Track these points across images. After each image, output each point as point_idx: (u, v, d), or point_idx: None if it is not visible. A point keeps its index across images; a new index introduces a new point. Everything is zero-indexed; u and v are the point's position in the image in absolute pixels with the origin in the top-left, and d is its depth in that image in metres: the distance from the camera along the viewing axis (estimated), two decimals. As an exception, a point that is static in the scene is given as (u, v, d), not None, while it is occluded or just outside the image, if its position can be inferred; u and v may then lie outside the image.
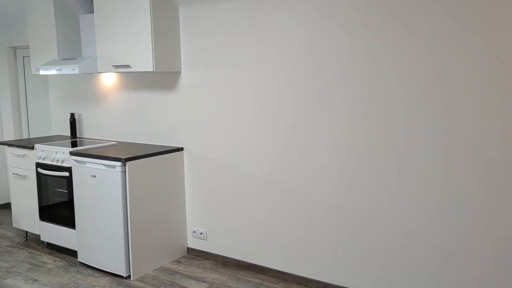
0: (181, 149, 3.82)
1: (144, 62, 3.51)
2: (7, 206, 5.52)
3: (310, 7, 3.03)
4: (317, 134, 3.12)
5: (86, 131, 4.53)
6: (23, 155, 4.17)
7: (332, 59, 2.98)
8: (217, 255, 3.75)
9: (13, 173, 4.30)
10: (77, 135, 4.59)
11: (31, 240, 4.38)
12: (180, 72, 3.75)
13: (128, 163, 3.39)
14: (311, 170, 3.17)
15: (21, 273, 3.64)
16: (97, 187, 3.54)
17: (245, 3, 3.32)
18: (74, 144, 4.05)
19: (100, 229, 3.57)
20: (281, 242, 3.39)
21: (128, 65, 3.59)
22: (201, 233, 3.83)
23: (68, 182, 3.80)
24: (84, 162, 3.61)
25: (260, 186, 3.44)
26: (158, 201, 3.65)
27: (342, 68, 2.96)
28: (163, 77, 3.87)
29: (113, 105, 4.26)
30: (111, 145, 4.02)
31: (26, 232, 4.44)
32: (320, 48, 3.03)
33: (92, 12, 4.02)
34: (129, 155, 3.47)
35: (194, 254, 3.89)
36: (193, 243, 3.90)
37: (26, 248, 4.18)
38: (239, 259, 3.63)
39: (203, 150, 3.72)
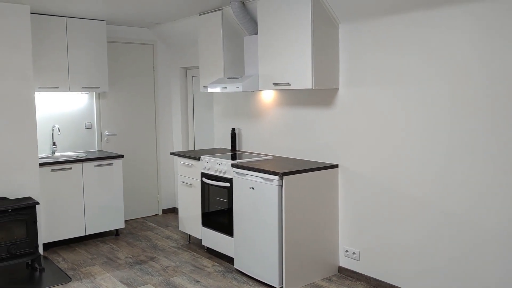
0: (336, 166, 3.81)
1: (303, 79, 3.60)
2: (173, 210, 6.13)
3: (478, 23, 2.78)
4: (483, 156, 2.83)
5: (244, 144, 4.81)
6: (191, 165, 4.58)
7: (501, 77, 2.69)
8: (370, 278, 3.62)
9: (181, 181, 4.76)
10: (237, 149, 4.89)
11: (193, 244, 4.78)
12: (337, 89, 3.76)
13: (285, 177, 3.49)
14: (475, 194, 2.88)
15: (185, 273, 3.98)
16: (255, 199, 3.71)
17: (407, 20, 3.19)
18: (234, 157, 4.32)
19: (256, 239, 3.73)
20: (440, 269, 3.13)
21: (288, 83, 3.72)
22: (353, 253, 3.74)
23: (229, 192, 4.05)
24: (244, 174, 3.81)
25: (418, 208, 3.24)
26: (311, 217, 3.68)
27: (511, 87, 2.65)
28: (320, 94, 3.91)
29: (271, 120, 4.45)
30: (268, 159, 4.19)
31: (189, 235, 4.86)
32: (488, 65, 2.76)
33: (255, 33, 4.28)
34: (286, 169, 3.57)
35: (346, 274, 3.82)
36: (345, 263, 3.83)
37: (189, 251, 4.56)
38: (393, 284, 3.46)
39: (359, 168, 3.65)
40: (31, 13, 4.50)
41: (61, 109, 5.16)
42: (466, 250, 2.99)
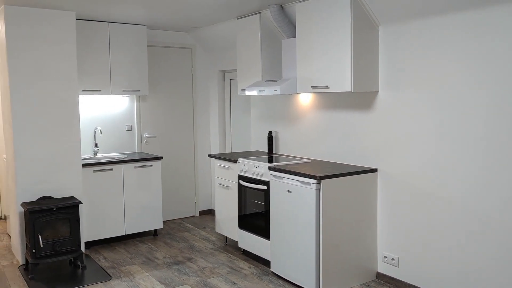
0: (375, 170, 3.74)
1: (342, 82, 3.56)
2: (210, 212, 6.19)
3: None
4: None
5: (281, 147, 4.80)
6: (228, 168, 4.61)
7: None
8: (410, 285, 3.54)
9: (218, 183, 4.80)
10: (274, 151, 4.89)
11: (229, 245, 4.81)
12: (377, 92, 3.70)
13: (322, 181, 3.46)
14: (529, 203, 2.77)
15: (222, 275, 4.01)
16: (292, 202, 3.70)
17: (449, 22, 3.11)
18: (271, 160, 4.32)
19: (292, 243, 3.72)
20: (483, 277, 3.02)
21: (326, 86, 3.69)
22: (392, 259, 3.67)
23: (266, 195, 4.06)
24: (281, 178, 3.81)
25: (459, 213, 3.14)
26: (349, 221, 3.63)
27: None
28: (359, 97, 3.86)
29: (308, 123, 4.43)
30: (305, 162, 4.17)
31: (226, 237, 4.89)
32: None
33: (294, 36, 4.27)
34: (323, 173, 3.54)
35: (384, 280, 3.74)
36: (383, 269, 3.76)
37: (225, 252, 4.59)
38: (434, 293, 3.37)
39: (399, 173, 3.58)
40: (76, 19, 4.66)
41: (103, 112, 5.31)
42: (511, 256, 2.88)
